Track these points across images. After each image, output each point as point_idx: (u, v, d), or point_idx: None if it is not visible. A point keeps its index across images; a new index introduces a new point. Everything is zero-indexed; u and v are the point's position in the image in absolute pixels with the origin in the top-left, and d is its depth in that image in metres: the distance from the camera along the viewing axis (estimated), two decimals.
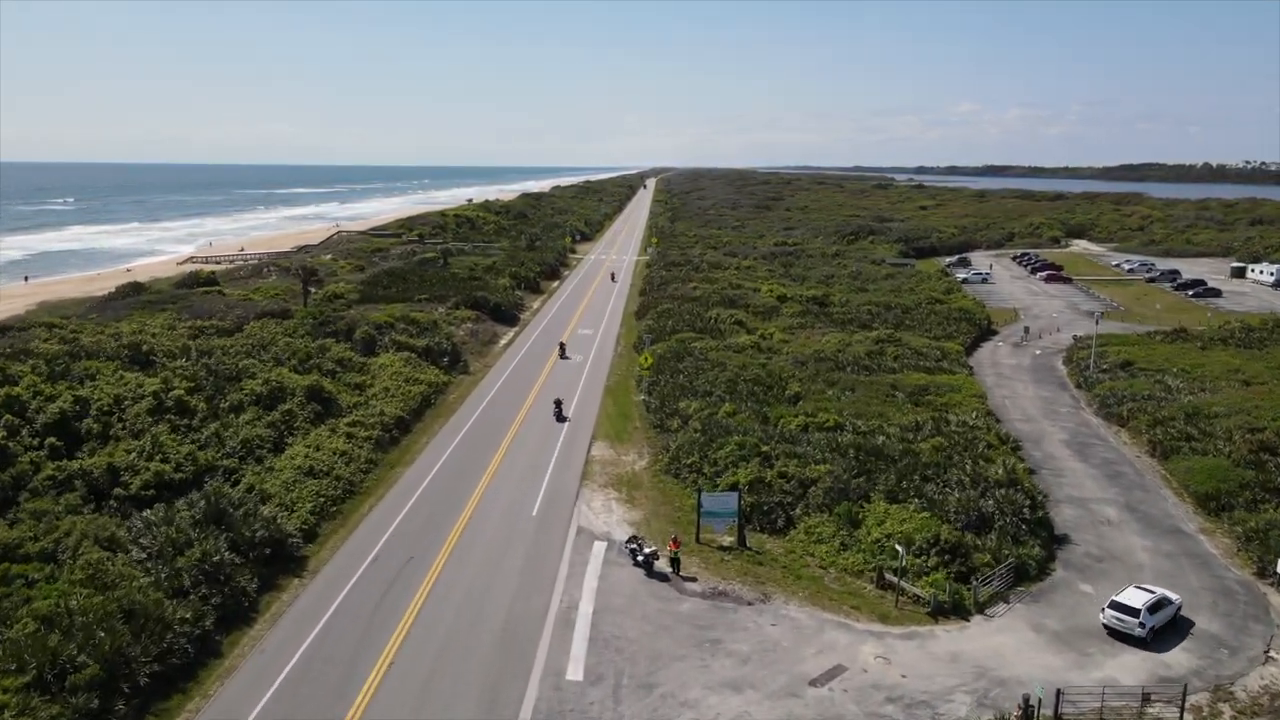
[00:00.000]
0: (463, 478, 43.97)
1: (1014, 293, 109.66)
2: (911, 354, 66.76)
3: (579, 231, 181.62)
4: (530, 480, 43.80)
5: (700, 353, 64.53)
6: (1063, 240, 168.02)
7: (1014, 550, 34.63)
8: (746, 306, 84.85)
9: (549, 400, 57.56)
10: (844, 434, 46.45)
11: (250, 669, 27.66)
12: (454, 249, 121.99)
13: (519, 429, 52.11)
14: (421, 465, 45.96)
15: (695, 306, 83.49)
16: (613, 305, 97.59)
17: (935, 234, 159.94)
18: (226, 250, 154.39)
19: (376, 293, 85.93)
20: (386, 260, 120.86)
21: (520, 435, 51.08)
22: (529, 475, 44.48)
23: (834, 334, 73.83)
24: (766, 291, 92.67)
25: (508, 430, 51.82)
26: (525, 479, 43.94)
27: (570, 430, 52.16)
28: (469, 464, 45.98)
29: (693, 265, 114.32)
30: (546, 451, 48.14)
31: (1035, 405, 58.86)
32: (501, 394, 60.09)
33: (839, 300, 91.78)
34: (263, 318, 62.20)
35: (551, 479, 43.97)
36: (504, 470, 45.01)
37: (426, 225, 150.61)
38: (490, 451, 48.05)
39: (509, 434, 51.15)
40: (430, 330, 68.88)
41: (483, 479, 43.66)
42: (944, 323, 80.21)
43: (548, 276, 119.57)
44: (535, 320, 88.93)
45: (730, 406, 50.65)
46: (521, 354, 73.03)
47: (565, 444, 49.56)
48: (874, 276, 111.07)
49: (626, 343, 77.60)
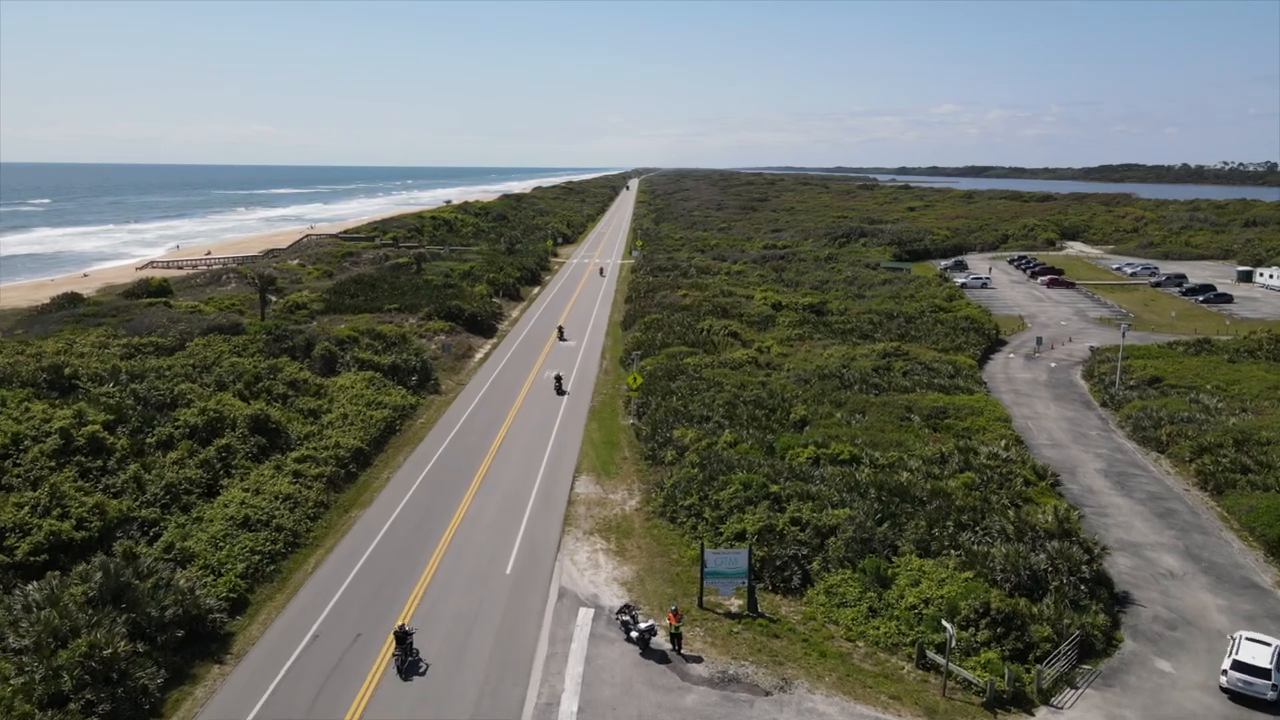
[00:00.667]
0: (427, 523, 38.16)
1: (1016, 299, 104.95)
2: (922, 369, 61.57)
3: (561, 234, 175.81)
4: (504, 526, 38.04)
5: (694, 370, 59.00)
6: (1058, 243, 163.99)
7: (1075, 618, 29.31)
8: (740, 316, 79.44)
9: (527, 425, 51.92)
10: (861, 468, 41.09)
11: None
12: (428, 253, 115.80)
13: (493, 460, 46.34)
14: (380, 508, 40.08)
15: (686, 316, 77.96)
16: (597, 314, 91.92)
17: (928, 236, 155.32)
18: (192, 254, 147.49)
19: (343, 302, 79.77)
20: (358, 265, 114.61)
21: (495, 467, 45.31)
22: (503, 520, 38.72)
23: (836, 346, 68.55)
24: (760, 299, 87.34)
25: (481, 462, 46.04)
26: (499, 524, 38.18)
27: (552, 460, 46.47)
28: (435, 505, 40.16)
29: (681, 270, 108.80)
30: (524, 488, 42.42)
31: (1061, 428, 53.75)
32: (476, 417, 54.27)
33: (837, 308, 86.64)
34: (210, 333, 56.02)
35: (530, 525, 38.23)
36: (474, 513, 39.23)
37: (401, 228, 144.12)
38: (460, 489, 42.25)
39: (482, 466, 45.37)
40: (398, 345, 62.92)
41: (450, 525, 37.85)
42: (951, 333, 75.11)
43: (528, 282, 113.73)
44: (514, 331, 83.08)
45: (730, 435, 45.12)
46: (499, 369, 67.20)
47: (546, 478, 43.86)
48: (870, 282, 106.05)
49: (613, 356, 71.95)
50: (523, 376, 64.55)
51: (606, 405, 57.42)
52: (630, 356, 66.63)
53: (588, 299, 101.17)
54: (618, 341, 77.75)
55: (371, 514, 39.39)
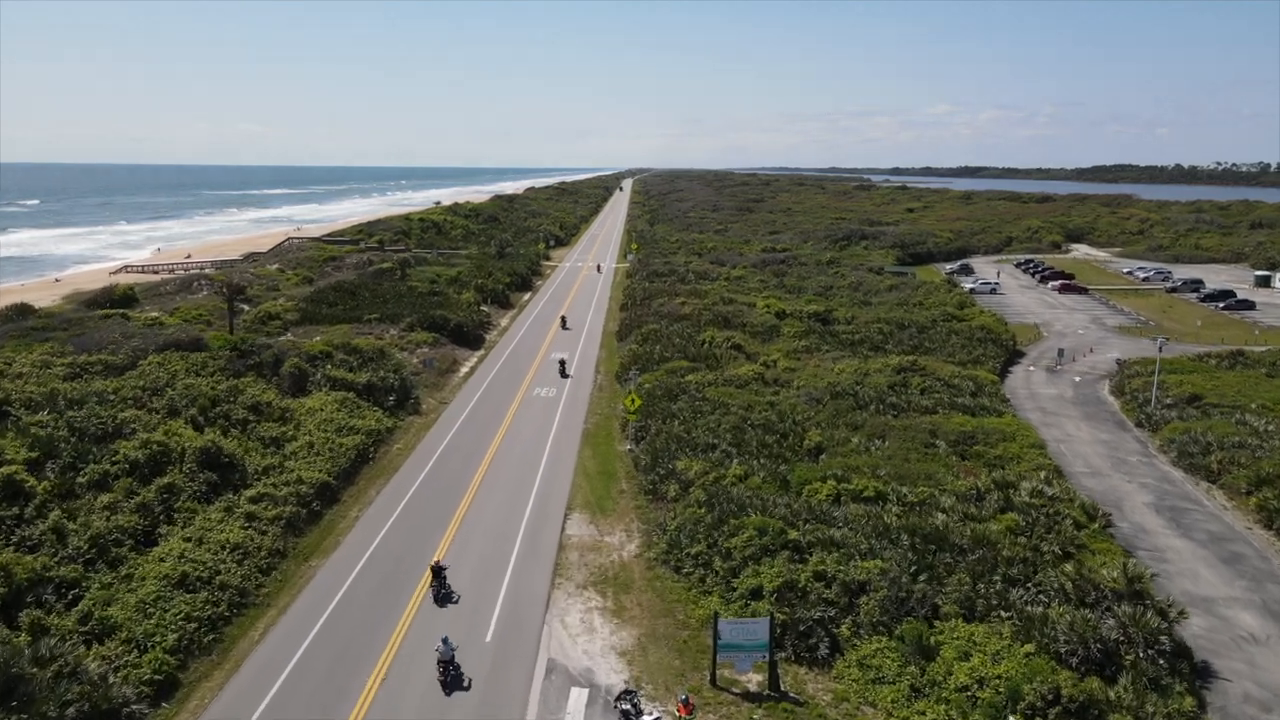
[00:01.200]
0: (397, 575, 33.43)
1: (1028, 305, 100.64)
2: (941, 386, 57.03)
3: (553, 236, 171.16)
4: (486, 579, 33.32)
5: (696, 389, 54.32)
6: (1063, 245, 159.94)
7: (1159, 704, 24.76)
8: (743, 326, 74.83)
9: (514, 451, 47.28)
10: (888, 507, 36.51)
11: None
12: (412, 259, 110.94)
13: (476, 493, 41.61)
14: (345, 555, 35.31)
15: (685, 327, 73.28)
16: (590, 322, 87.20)
17: (931, 239, 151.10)
18: (172, 257, 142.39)
19: (320, 312, 74.90)
20: (341, 270, 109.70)
21: (477, 502, 40.59)
22: (484, 571, 34.00)
23: (846, 360, 63.99)
24: (763, 307, 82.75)
25: (461, 497, 41.31)
26: (479, 577, 33.46)
27: (541, 493, 41.78)
28: (407, 552, 35.43)
29: (678, 276, 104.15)
30: (509, 529, 37.70)
31: (1098, 452, 49.28)
32: (458, 442, 49.52)
33: (844, 316, 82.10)
34: (166, 350, 51.10)
35: (514, 578, 33.51)
36: (452, 562, 34.39)
37: (388, 230, 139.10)
38: (436, 530, 37.51)
39: (463, 502, 40.63)
40: (376, 361, 58.09)
41: (423, 578, 33.10)
42: (967, 344, 70.63)
43: (519, 288, 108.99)
44: (503, 342, 78.31)
45: (739, 468, 40.47)
46: (486, 384, 62.44)
47: (534, 517, 39.16)
48: (876, 288, 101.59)
49: (608, 370, 67.26)
50: (511, 393, 59.82)
51: (602, 428, 52.73)
52: (627, 372, 61.95)
53: (581, 306, 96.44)
54: (613, 354, 73.07)
55: (335, 563, 34.61)
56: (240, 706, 25.32)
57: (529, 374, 65.74)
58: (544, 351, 73.65)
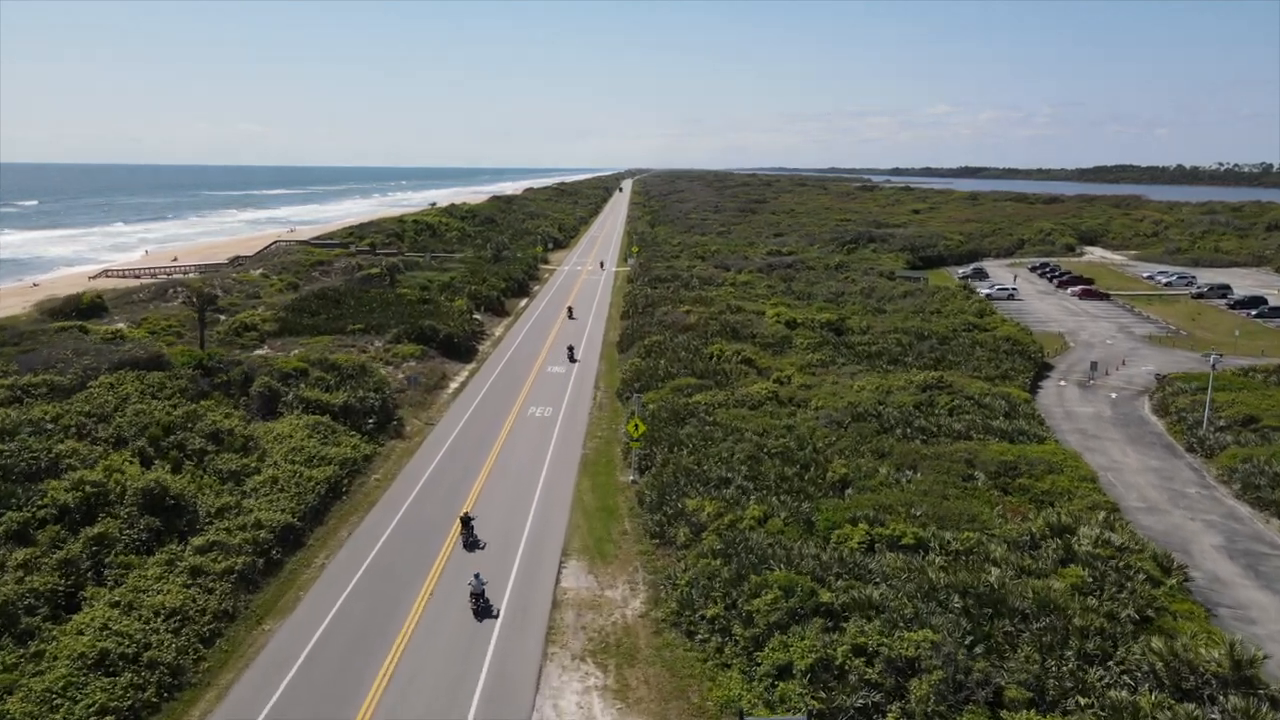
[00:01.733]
0: (364, 642, 28.67)
1: (1049, 312, 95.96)
2: (972, 406, 52.30)
3: (552, 238, 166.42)
4: (468, 649, 28.57)
5: (705, 411, 49.57)
6: (1077, 248, 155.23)
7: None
8: (752, 337, 70.07)
9: (504, 482, 42.59)
10: (931, 557, 31.81)
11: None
12: (401, 264, 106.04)
13: (460, 536, 36.87)
14: (305, 616, 30.54)
15: (691, 339, 68.49)
16: (590, 331, 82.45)
17: (941, 241, 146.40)
18: (158, 261, 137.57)
19: (300, 322, 70.11)
20: (329, 275, 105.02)
21: (460, 548, 35.86)
22: (466, 637, 29.24)
23: (866, 376, 59.30)
24: (772, 316, 78.03)
25: (444, 538, 36.58)
26: (459, 647, 28.68)
27: (534, 535, 37.07)
28: (378, 610, 30.69)
29: (682, 281, 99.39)
30: (497, 581, 32.91)
31: (1150, 483, 44.59)
32: (443, 471, 44.79)
33: (858, 326, 77.40)
34: (122, 368, 46.37)
35: (500, 645, 28.75)
36: (428, 625, 29.74)
37: (380, 233, 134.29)
38: (414, 583, 32.78)
39: (445, 545, 35.91)
40: (356, 378, 53.33)
41: (394, 647, 28.35)
42: (993, 357, 65.92)
43: (515, 293, 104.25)
44: (497, 353, 73.52)
45: (758, 508, 35.71)
46: (476, 402, 57.70)
47: (526, 565, 34.45)
48: (889, 294, 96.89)
49: (608, 386, 62.54)
50: (503, 412, 55.07)
51: (602, 454, 48.01)
52: (629, 389, 57.19)
53: (580, 313, 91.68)
54: (614, 367, 68.33)
55: (293, 625, 29.85)
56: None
57: (524, 389, 61.01)
58: (540, 363, 68.92)
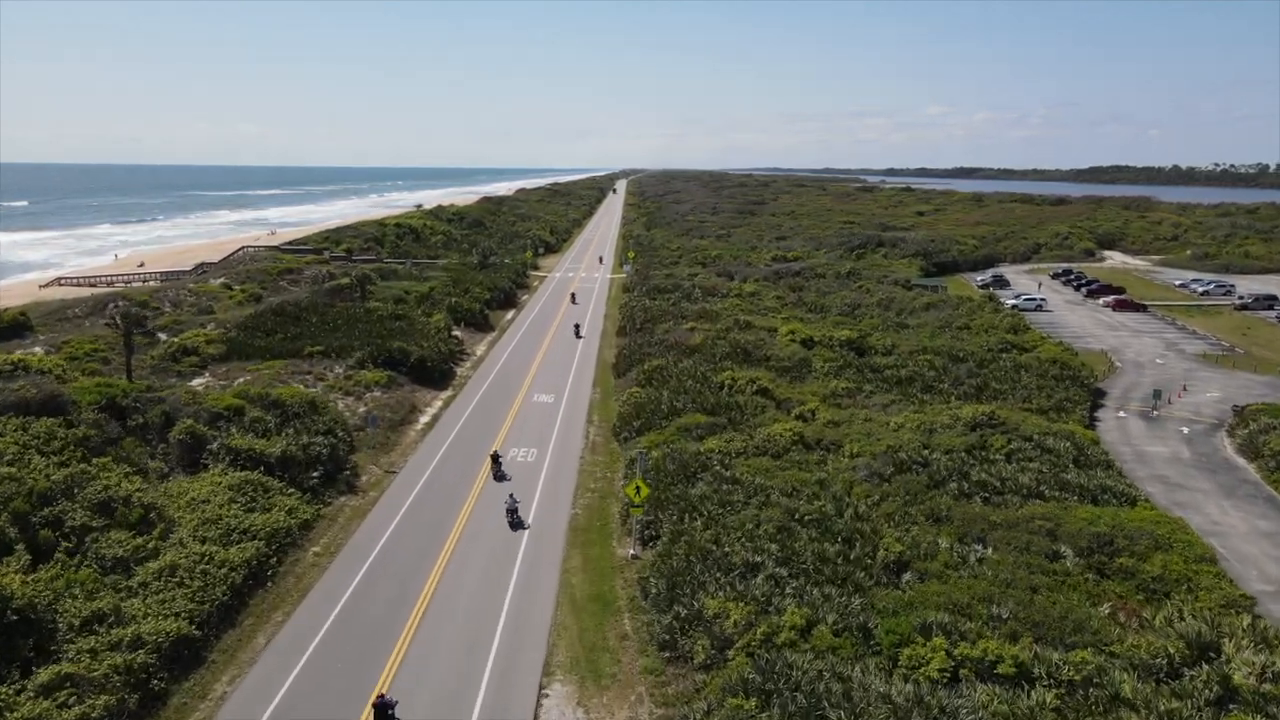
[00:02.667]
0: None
1: (1084, 325, 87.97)
2: (1033, 449, 44.02)
3: (543, 242, 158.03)
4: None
5: (720, 461, 41.17)
6: (1097, 253, 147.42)
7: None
8: (766, 360, 61.74)
9: (475, 558, 34.21)
10: (1038, 695, 23.52)
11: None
12: (377, 273, 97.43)
13: (413, 640, 28.45)
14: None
15: (697, 363, 60.05)
16: (582, 351, 74.03)
17: (955, 246, 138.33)
18: (123, 268, 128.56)
19: (252, 343, 61.53)
20: (298, 284, 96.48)
21: (413, 661, 27.46)
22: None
23: (901, 408, 51.13)
24: (786, 334, 69.77)
25: (392, 646, 28.17)
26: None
27: (508, 639, 28.71)
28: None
29: (683, 292, 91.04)
30: (460, 710, 24.56)
31: (1269, 554, 36.43)
32: (399, 541, 36.34)
33: (881, 344, 69.16)
34: (5, 413, 37.83)
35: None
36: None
37: (359, 237, 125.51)
38: (349, 714, 24.41)
39: (392, 656, 27.50)
40: (303, 417, 44.83)
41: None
42: (1042, 384, 57.77)
43: (501, 305, 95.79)
44: (477, 377, 65.01)
45: (798, 613, 27.25)
46: (448, 442, 49.32)
47: (493, 694, 26.09)
48: (909, 305, 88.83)
49: (603, 419, 54.22)
50: (479, 455, 46.67)
51: (595, 514, 39.65)
52: (627, 429, 48.82)
53: (571, 329, 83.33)
54: (609, 395, 59.97)
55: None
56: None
57: (505, 424, 52.64)
58: (526, 390, 60.55)
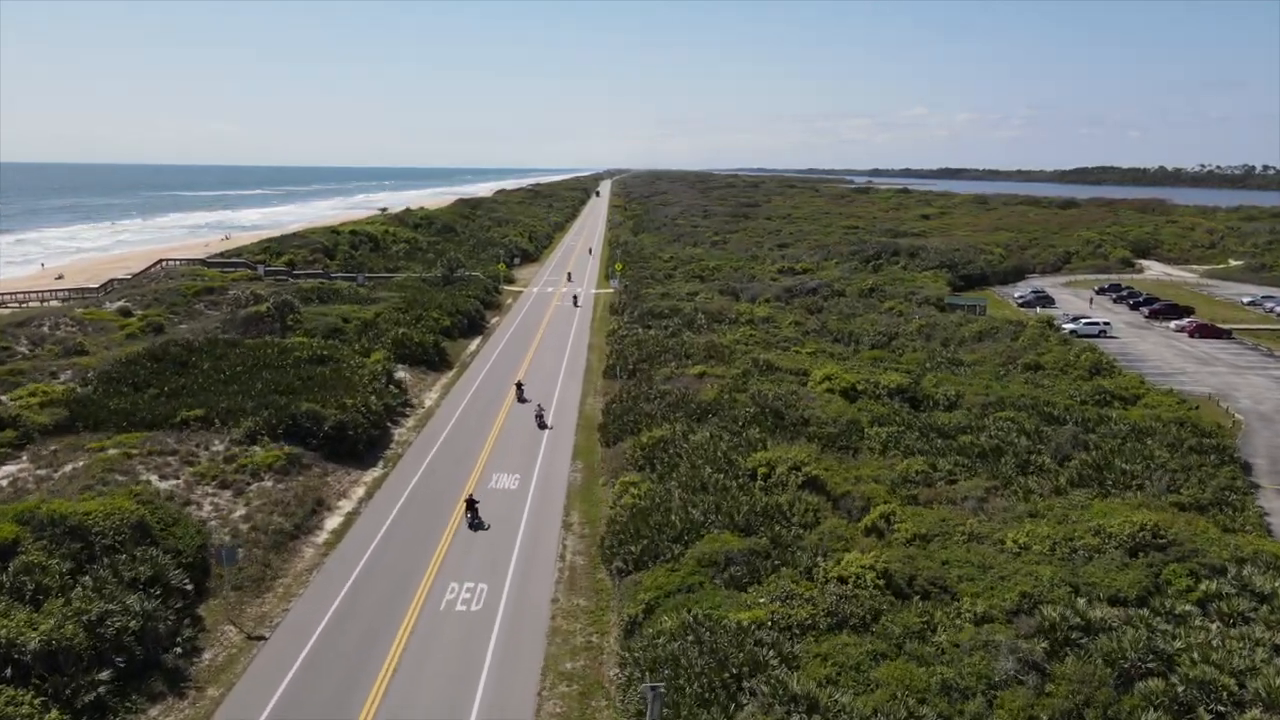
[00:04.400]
0: None
1: (1162, 356, 73.24)
2: (1238, 592, 28.85)
3: (520, 250, 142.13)
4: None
5: (775, 652, 25.50)
6: (1136, 263, 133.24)
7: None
8: (804, 424, 46.12)
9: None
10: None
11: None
12: (313, 294, 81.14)
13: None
14: None
15: (715, 436, 44.04)
16: (560, 398, 58.21)
17: (981, 256, 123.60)
18: (36, 283, 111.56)
19: (108, 405, 45.21)
20: (219, 307, 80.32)
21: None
22: None
23: (1015, 513, 35.83)
24: (821, 380, 54.40)
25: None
26: None
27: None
28: None
29: (684, 318, 75.41)
30: None
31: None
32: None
33: (940, 393, 53.92)
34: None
35: None
36: None
37: (305, 247, 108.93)
38: None
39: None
40: (120, 552, 28.84)
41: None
42: (1180, 460, 42.61)
43: (466, 330, 79.91)
44: (418, 446, 48.89)
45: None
46: (358, 572, 33.43)
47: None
48: (954, 333, 73.93)
49: (585, 516, 38.63)
50: (401, 596, 30.90)
51: (578, 705, 24.08)
52: (621, 553, 33.10)
53: (549, 363, 67.57)
54: (594, 475, 44.29)
55: None
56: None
57: (445, 534, 36.90)
58: (483, 465, 44.87)
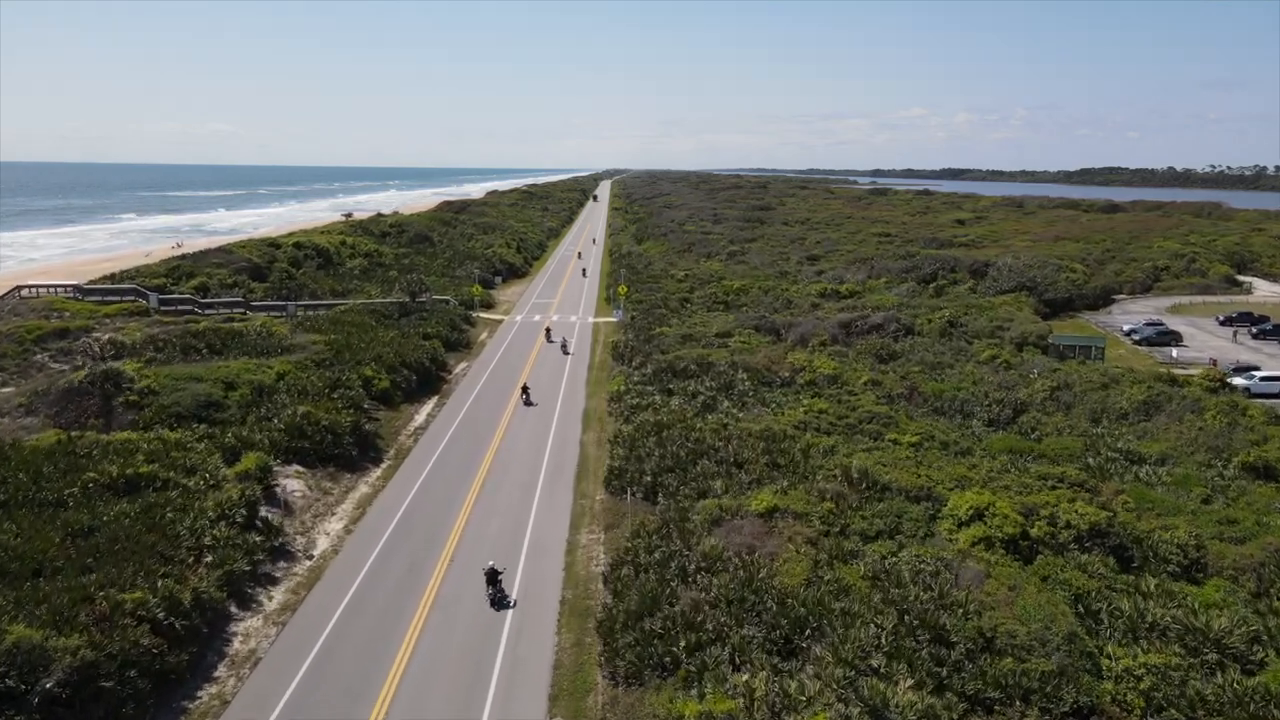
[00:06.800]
0: None
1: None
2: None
3: (505, 265, 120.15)
4: None
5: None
6: (1244, 282, 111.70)
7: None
8: (973, 647, 24.54)
9: None
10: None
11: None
12: (177, 348, 58.84)
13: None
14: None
15: (827, 684, 22.63)
16: (537, 527, 36.38)
17: (1063, 275, 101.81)
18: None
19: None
20: (64, 358, 58.51)
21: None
22: None
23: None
24: (966, 516, 32.82)
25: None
26: None
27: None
28: None
29: (718, 380, 53.47)
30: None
31: None
32: None
33: (1159, 539, 32.36)
34: None
35: None
36: None
37: (227, 266, 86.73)
38: None
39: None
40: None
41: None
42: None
43: (416, 389, 57.94)
44: (250, 689, 27.40)
45: None
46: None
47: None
48: (1103, 400, 52.57)
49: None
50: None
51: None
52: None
53: (522, 456, 45.75)
54: (589, 670, 22.65)
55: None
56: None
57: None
58: (397, 674, 23.18)
